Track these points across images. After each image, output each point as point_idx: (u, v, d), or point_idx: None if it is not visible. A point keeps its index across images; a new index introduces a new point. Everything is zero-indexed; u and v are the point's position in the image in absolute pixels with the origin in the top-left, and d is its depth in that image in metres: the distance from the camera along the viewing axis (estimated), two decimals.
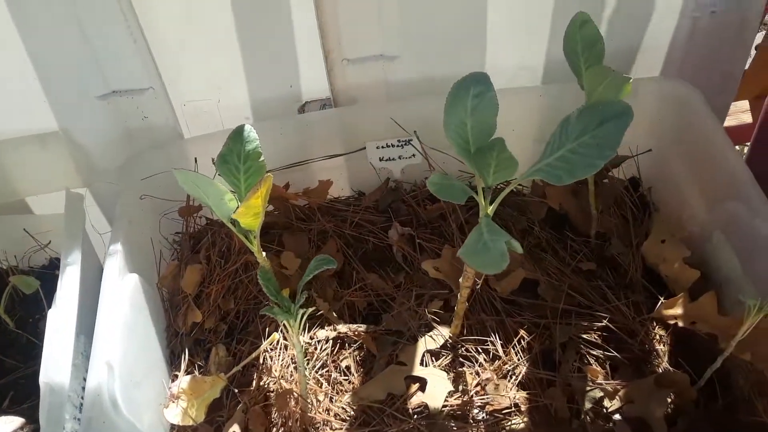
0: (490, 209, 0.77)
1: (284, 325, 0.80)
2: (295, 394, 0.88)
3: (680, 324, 0.93)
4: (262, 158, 0.83)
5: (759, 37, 1.38)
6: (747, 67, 1.28)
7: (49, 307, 0.91)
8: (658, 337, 0.98)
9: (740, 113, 1.45)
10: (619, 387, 0.91)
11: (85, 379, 0.86)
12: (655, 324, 0.99)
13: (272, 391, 0.92)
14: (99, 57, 0.99)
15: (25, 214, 1.14)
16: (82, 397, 0.88)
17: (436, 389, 0.92)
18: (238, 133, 0.82)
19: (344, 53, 1.08)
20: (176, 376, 0.98)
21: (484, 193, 0.77)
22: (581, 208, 1.12)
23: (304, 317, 0.74)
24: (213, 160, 0.84)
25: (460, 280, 0.89)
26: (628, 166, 1.16)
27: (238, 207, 0.76)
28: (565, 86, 1.02)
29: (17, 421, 1.00)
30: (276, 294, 0.71)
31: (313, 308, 0.74)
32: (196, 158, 1.06)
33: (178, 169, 0.75)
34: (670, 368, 0.93)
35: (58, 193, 1.04)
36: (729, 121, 1.42)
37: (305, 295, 0.71)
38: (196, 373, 0.99)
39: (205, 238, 1.09)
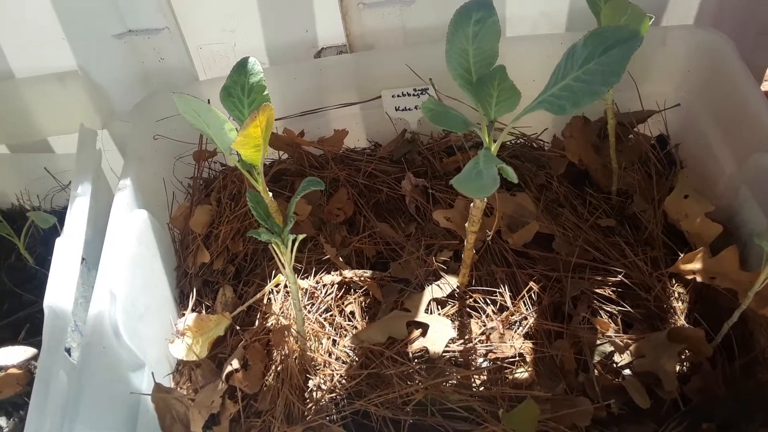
0: (494, 146, 0.74)
1: (282, 269, 0.79)
2: (293, 330, 0.87)
3: (699, 279, 0.88)
4: (266, 92, 0.82)
5: None
6: None
7: None
8: (676, 294, 0.93)
9: None
10: (630, 341, 0.88)
11: None
12: (673, 281, 0.94)
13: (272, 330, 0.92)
14: None
15: (47, 153, 1.16)
16: None
17: (437, 335, 0.90)
18: (242, 66, 0.81)
19: None
20: (184, 315, 0.98)
21: (488, 129, 0.74)
22: (602, 165, 1.08)
23: (296, 244, 0.73)
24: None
25: (466, 225, 0.86)
26: (656, 123, 1.11)
27: None
28: None
29: (30, 351, 1.02)
30: (265, 218, 0.70)
31: (304, 236, 0.73)
32: (209, 100, 1.06)
33: (177, 93, 0.75)
34: (686, 325, 0.89)
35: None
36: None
37: (294, 218, 0.70)
38: (204, 312, 0.99)
39: (217, 181, 1.09)
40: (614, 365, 0.88)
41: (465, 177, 0.65)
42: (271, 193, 0.86)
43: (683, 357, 0.87)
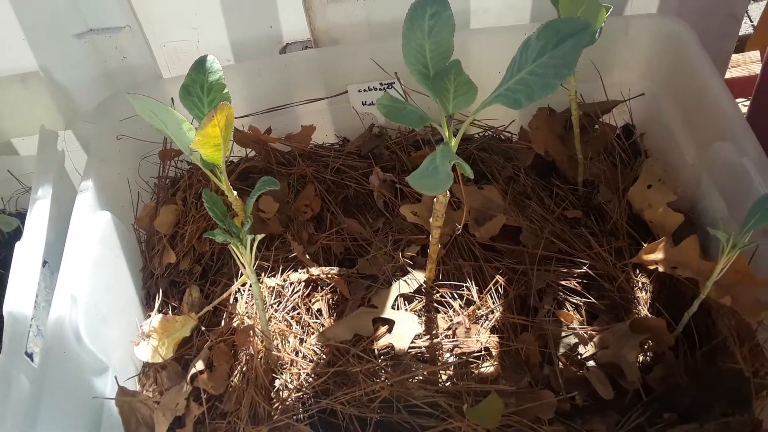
0: (454, 141, 0.74)
1: (243, 269, 0.78)
2: (257, 330, 0.87)
3: (661, 269, 0.89)
4: (226, 90, 0.81)
5: None
6: (760, 16, 1.21)
7: None
8: (639, 284, 0.94)
9: (750, 64, 1.37)
10: (594, 333, 0.88)
11: None
12: (637, 271, 0.95)
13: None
14: None
15: (10, 155, 1.15)
16: None
17: (403, 331, 0.90)
18: (200, 64, 0.80)
19: None
20: (150, 316, 0.98)
21: (447, 123, 0.74)
22: (568, 155, 1.08)
23: (255, 243, 0.72)
24: None
25: (431, 219, 0.86)
26: (621, 113, 1.11)
27: None
28: None
29: None
30: (222, 218, 0.70)
31: (262, 236, 0.72)
32: (172, 98, 1.05)
33: (132, 95, 0.74)
34: (649, 315, 0.90)
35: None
36: (739, 72, 1.35)
37: (251, 218, 0.70)
38: (170, 313, 0.98)
39: (182, 180, 1.08)
40: (578, 357, 0.88)
41: (421, 173, 0.64)
42: (235, 192, 0.86)
43: (646, 347, 0.87)
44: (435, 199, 0.83)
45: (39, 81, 1.06)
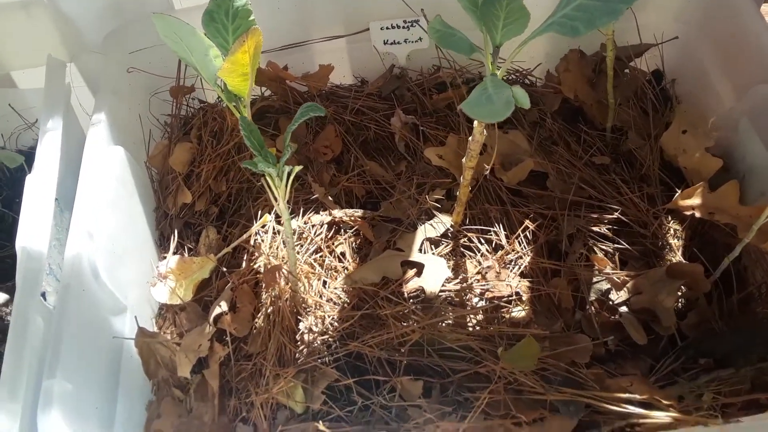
0: (500, 72, 0.70)
1: (275, 203, 0.74)
2: (284, 271, 0.84)
3: (698, 215, 0.87)
4: (252, 17, 0.76)
5: None
6: None
7: None
8: (672, 231, 0.92)
9: None
10: (627, 278, 0.86)
11: None
12: (670, 218, 0.93)
13: (262, 272, 0.88)
14: None
15: (10, 89, 1.08)
16: None
17: (433, 275, 0.87)
18: None
19: None
20: (165, 257, 0.94)
21: (493, 56, 0.70)
22: (598, 100, 1.04)
23: (291, 176, 0.69)
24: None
25: (464, 160, 0.83)
26: (651, 58, 1.08)
27: None
28: None
29: (1, 297, 0.97)
30: (260, 148, 0.66)
31: (300, 168, 0.68)
32: None
33: (157, 14, 0.69)
34: (684, 261, 0.88)
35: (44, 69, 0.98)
36: None
37: (291, 147, 0.66)
38: (186, 254, 0.95)
39: (197, 118, 1.04)
40: (611, 303, 0.86)
41: (475, 101, 0.61)
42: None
43: (679, 294, 0.86)
44: (471, 138, 0.79)
45: (43, 9, 1.00)
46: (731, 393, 0.75)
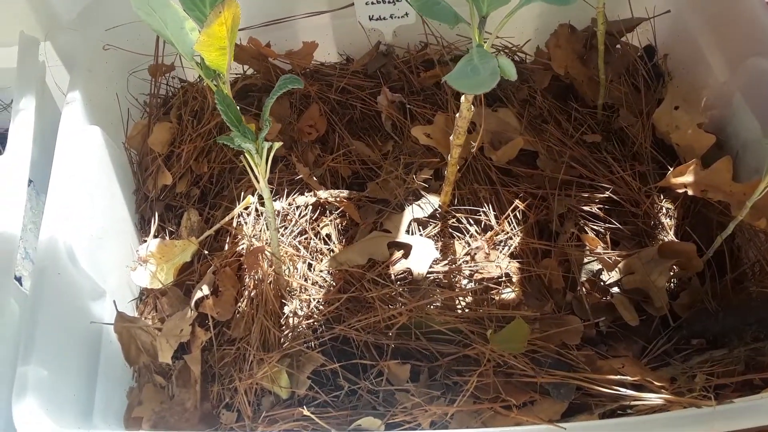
0: (486, 44, 0.68)
1: (256, 183, 0.71)
2: (267, 253, 0.81)
3: (690, 192, 0.85)
4: None
5: None
6: None
7: None
8: (664, 210, 0.90)
9: None
10: (619, 258, 0.85)
11: None
12: (662, 196, 0.91)
13: (244, 255, 0.86)
14: None
15: None
16: None
17: (421, 256, 0.85)
18: None
19: None
20: (146, 241, 0.91)
21: (480, 27, 0.67)
22: (589, 77, 1.02)
23: (271, 153, 0.66)
24: None
25: (451, 138, 0.80)
26: (642, 33, 1.05)
27: None
28: None
29: None
30: (237, 123, 0.63)
31: (280, 144, 0.66)
32: None
33: None
34: (676, 240, 0.86)
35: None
36: None
37: (270, 122, 0.63)
38: (167, 237, 0.92)
39: (177, 97, 1.00)
40: (602, 283, 0.85)
41: (460, 73, 0.58)
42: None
43: (671, 273, 0.84)
44: (457, 115, 0.77)
45: None
46: (724, 374, 0.73)
